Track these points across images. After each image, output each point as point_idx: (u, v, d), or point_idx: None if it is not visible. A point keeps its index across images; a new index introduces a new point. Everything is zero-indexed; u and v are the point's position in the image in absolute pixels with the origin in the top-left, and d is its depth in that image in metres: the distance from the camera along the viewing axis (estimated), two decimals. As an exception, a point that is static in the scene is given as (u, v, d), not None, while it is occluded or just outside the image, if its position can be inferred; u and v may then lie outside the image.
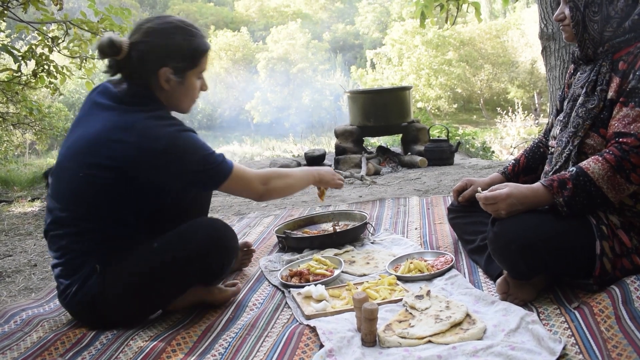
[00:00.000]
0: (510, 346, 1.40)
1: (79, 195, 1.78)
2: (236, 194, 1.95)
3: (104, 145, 1.73)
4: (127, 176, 1.74)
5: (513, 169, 2.14)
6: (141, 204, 1.84)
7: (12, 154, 10.23)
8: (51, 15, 5.57)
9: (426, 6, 5.64)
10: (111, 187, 1.75)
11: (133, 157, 1.71)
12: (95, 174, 1.73)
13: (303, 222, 2.89)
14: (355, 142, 6.08)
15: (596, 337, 1.41)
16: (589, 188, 1.57)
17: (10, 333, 1.90)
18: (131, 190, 1.78)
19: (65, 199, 1.81)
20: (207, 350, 1.61)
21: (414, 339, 1.52)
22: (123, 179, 1.74)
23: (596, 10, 1.67)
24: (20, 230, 3.71)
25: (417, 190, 3.96)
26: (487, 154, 8.31)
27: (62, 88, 7.17)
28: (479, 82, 24.43)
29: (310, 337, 1.59)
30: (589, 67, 1.77)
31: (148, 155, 1.71)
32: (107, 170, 1.73)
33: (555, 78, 4.45)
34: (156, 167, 1.74)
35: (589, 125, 1.68)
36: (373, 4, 35.34)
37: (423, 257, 2.19)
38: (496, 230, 1.64)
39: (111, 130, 1.73)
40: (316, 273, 2.09)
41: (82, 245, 1.79)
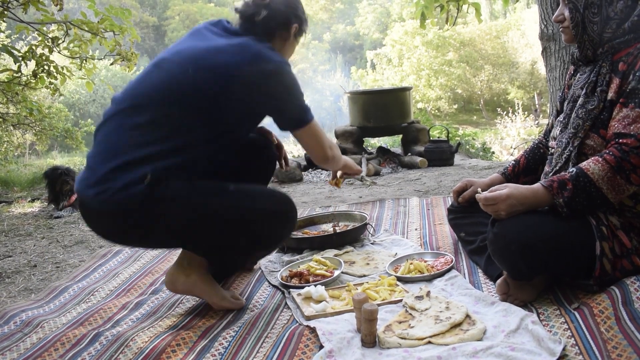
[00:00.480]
0: (510, 347, 1.40)
1: (174, 92, 1.75)
2: (306, 147, 2.00)
3: (220, 52, 1.76)
4: (228, 89, 1.75)
5: (513, 169, 2.14)
6: (221, 124, 1.82)
7: (12, 154, 10.22)
8: (51, 15, 5.57)
9: (426, 7, 5.63)
10: (209, 94, 1.74)
11: (242, 70, 1.75)
12: (203, 77, 1.74)
13: (303, 223, 2.89)
14: (355, 142, 6.08)
15: (596, 338, 1.41)
16: (588, 189, 1.56)
17: (10, 334, 1.90)
18: (223, 104, 1.77)
19: (154, 92, 1.78)
20: (206, 349, 1.61)
21: (414, 339, 1.52)
22: (223, 90, 1.75)
23: (595, 12, 1.67)
24: (20, 231, 3.71)
25: (417, 191, 3.96)
26: (487, 154, 8.31)
27: (62, 88, 7.17)
28: (479, 83, 24.42)
29: (310, 337, 1.59)
30: (588, 68, 1.77)
31: (256, 73, 1.76)
32: (215, 77, 1.74)
33: (556, 79, 4.45)
34: (258, 86, 1.78)
35: (589, 126, 1.68)
36: (373, 5, 35.35)
37: (423, 258, 2.19)
38: (496, 230, 1.64)
39: (226, 46, 1.78)
40: (316, 274, 2.09)
41: (143, 147, 1.71)
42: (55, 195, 4.43)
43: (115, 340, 1.72)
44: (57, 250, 3.10)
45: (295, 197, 4.24)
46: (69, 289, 2.35)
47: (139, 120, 1.74)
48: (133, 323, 1.91)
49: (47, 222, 3.94)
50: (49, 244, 3.27)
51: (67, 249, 3.12)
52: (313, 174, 5.61)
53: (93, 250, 3.04)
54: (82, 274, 2.55)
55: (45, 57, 5.78)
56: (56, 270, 2.73)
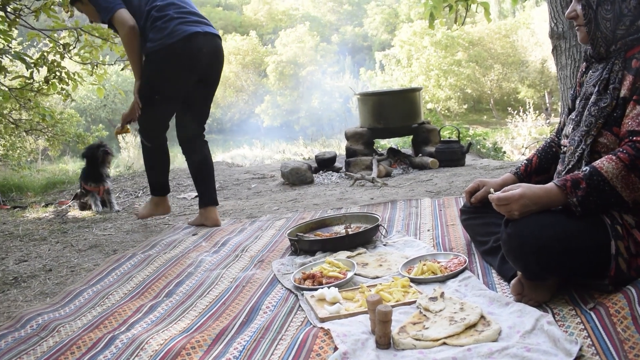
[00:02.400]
0: (525, 348, 1.39)
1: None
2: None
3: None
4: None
5: (525, 169, 2.13)
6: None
7: (25, 160, 10.33)
8: (62, 22, 5.64)
9: (435, 7, 5.62)
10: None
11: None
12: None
13: (315, 225, 2.90)
14: (365, 144, 6.08)
15: (613, 338, 1.39)
16: (602, 187, 1.55)
17: (26, 337, 1.92)
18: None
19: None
20: (221, 353, 1.61)
21: (429, 341, 1.51)
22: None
23: (609, 8, 1.66)
24: (35, 235, 3.74)
25: (428, 192, 3.95)
26: (498, 154, 8.26)
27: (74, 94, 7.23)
28: (489, 82, 24.33)
29: (325, 339, 1.59)
30: (601, 66, 1.76)
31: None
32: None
33: (566, 77, 4.42)
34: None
35: (602, 124, 1.67)
36: (381, 6, 35.33)
37: (436, 259, 2.19)
38: (509, 231, 1.63)
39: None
40: (329, 276, 2.09)
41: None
42: (97, 175, 4.57)
43: (130, 343, 1.73)
44: (71, 255, 3.13)
45: (307, 199, 4.24)
46: (84, 292, 2.37)
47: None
48: (147, 326, 1.93)
49: (60, 226, 3.97)
50: (64, 248, 3.30)
51: (82, 253, 3.15)
52: (324, 176, 5.62)
53: (107, 254, 3.06)
54: (96, 278, 2.57)
55: (56, 64, 5.84)
56: (71, 274, 2.75)
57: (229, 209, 4.14)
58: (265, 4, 38.60)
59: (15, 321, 2.08)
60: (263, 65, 29.67)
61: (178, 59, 3.14)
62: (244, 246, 2.84)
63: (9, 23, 5.02)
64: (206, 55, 3.23)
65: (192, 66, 3.21)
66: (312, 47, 29.48)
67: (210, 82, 3.42)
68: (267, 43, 32.64)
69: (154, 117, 3.35)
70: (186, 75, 3.24)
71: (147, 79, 3.24)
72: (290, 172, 5.20)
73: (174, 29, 3.09)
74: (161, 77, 3.23)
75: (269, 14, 38.57)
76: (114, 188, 5.76)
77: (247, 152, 16.41)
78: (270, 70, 28.46)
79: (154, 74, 3.21)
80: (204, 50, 3.20)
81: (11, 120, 8.30)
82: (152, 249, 2.98)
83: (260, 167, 7.32)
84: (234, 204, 4.36)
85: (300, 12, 38.23)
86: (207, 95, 3.48)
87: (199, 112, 3.50)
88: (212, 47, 3.26)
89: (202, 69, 3.28)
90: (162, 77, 3.23)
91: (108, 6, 3.10)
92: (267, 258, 2.61)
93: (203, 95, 3.46)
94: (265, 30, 36.08)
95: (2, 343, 1.90)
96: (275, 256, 2.63)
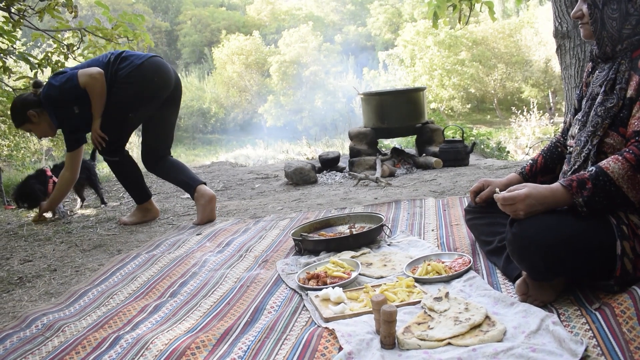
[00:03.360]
0: (531, 348, 1.39)
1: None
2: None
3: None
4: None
5: (531, 169, 2.12)
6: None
7: (29, 160, 10.36)
8: (66, 23, 5.64)
9: (439, 6, 5.63)
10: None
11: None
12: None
13: (319, 225, 2.90)
14: (369, 144, 6.08)
15: (618, 338, 1.39)
16: (608, 188, 1.55)
17: (31, 337, 1.93)
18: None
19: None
20: (226, 353, 1.61)
21: (434, 341, 1.51)
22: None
23: (615, 8, 1.65)
24: (39, 235, 3.75)
25: (432, 192, 3.95)
26: (502, 154, 8.25)
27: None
28: (493, 82, 24.28)
29: (329, 339, 1.59)
30: (607, 66, 1.75)
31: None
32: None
33: (571, 76, 4.41)
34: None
35: (608, 124, 1.66)
36: (384, 5, 35.28)
37: (440, 259, 2.18)
38: (515, 231, 1.62)
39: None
40: (333, 275, 2.09)
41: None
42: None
43: (135, 343, 1.74)
44: (76, 255, 3.13)
45: (310, 199, 4.24)
46: (89, 292, 2.38)
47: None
48: (152, 326, 1.93)
49: (65, 226, 3.98)
50: (68, 248, 3.31)
51: (86, 253, 3.16)
52: (327, 175, 5.62)
53: (111, 254, 3.07)
54: (101, 278, 2.58)
55: (61, 64, 5.85)
56: (75, 274, 2.76)
57: (232, 208, 4.15)
58: (269, 4, 38.63)
59: (21, 321, 2.09)
60: (266, 65, 29.67)
61: (149, 74, 3.56)
62: (248, 246, 2.84)
63: (13, 24, 5.03)
64: (172, 72, 3.70)
65: (162, 80, 3.62)
66: (315, 47, 29.47)
67: (177, 100, 3.83)
68: (270, 43, 32.64)
69: (123, 133, 3.71)
70: (158, 88, 3.61)
71: (121, 100, 3.54)
72: (294, 172, 5.20)
73: (137, 55, 3.61)
74: (135, 94, 3.57)
75: (272, 14, 38.59)
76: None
77: (250, 152, 16.42)
78: (274, 70, 28.47)
79: (129, 93, 3.54)
80: (169, 68, 3.70)
81: (15, 121, 8.31)
82: (157, 249, 2.99)
83: (264, 167, 7.32)
84: (237, 204, 4.36)
85: (303, 12, 38.22)
86: (175, 115, 3.90)
87: (170, 133, 3.91)
88: (172, 68, 3.77)
89: (170, 84, 3.67)
90: (136, 94, 3.57)
91: (70, 76, 3.48)
92: (271, 258, 2.61)
93: (168, 121, 3.85)
94: (268, 30, 36.08)
95: (8, 343, 1.91)
96: (280, 256, 2.63)
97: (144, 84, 3.55)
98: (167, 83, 3.65)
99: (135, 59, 3.55)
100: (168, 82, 3.65)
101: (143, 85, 3.55)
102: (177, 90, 3.78)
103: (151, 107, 3.66)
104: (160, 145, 3.82)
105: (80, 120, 3.60)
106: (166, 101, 3.71)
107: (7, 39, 5.08)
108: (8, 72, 5.63)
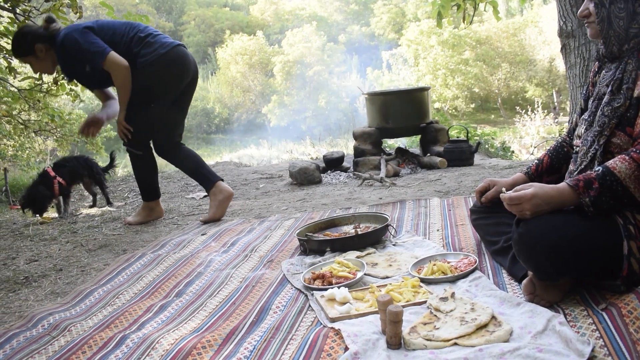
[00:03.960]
0: (537, 348, 1.38)
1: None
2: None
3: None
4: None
5: (537, 168, 2.12)
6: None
7: (34, 160, 10.40)
8: (71, 23, 5.65)
9: (443, 6, 5.62)
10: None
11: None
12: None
13: (324, 225, 2.90)
14: (373, 143, 6.07)
15: (625, 338, 1.39)
16: (615, 187, 1.54)
17: (38, 337, 1.93)
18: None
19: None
20: (232, 353, 1.62)
21: (440, 341, 1.51)
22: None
23: (622, 7, 1.64)
24: (45, 235, 3.76)
25: (437, 192, 3.94)
26: (507, 154, 8.23)
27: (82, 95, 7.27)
28: (497, 81, 24.25)
29: (335, 339, 1.59)
30: (614, 65, 1.74)
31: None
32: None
33: (575, 76, 4.40)
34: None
35: (615, 124, 1.65)
36: (388, 5, 35.27)
37: (446, 259, 2.18)
38: (521, 231, 1.62)
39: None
40: (339, 275, 2.09)
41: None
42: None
43: (141, 342, 1.74)
44: (81, 254, 3.14)
45: (315, 199, 4.25)
46: (95, 292, 2.39)
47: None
48: (158, 325, 1.93)
49: (70, 226, 3.99)
50: (74, 248, 3.32)
51: (92, 252, 3.17)
52: (332, 175, 5.62)
53: (117, 254, 3.08)
54: (106, 277, 2.59)
55: (65, 64, 5.85)
56: (81, 273, 2.77)
57: (237, 208, 4.15)
58: (272, 4, 38.68)
59: (27, 320, 2.10)
60: (270, 65, 29.72)
61: (173, 64, 3.50)
62: (253, 246, 2.84)
63: (19, 24, 5.05)
64: (192, 63, 3.65)
65: (184, 72, 3.58)
66: (319, 46, 29.49)
67: (193, 89, 3.79)
68: (273, 43, 32.68)
69: (147, 125, 3.60)
70: (179, 79, 3.56)
71: (143, 89, 3.46)
72: (298, 171, 5.20)
73: (163, 42, 3.49)
74: (159, 84, 3.49)
75: (275, 14, 38.64)
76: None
77: (254, 152, 16.45)
78: (277, 70, 28.51)
79: (151, 82, 3.46)
80: (190, 58, 3.64)
81: (20, 121, 8.36)
82: (162, 248, 2.99)
83: (268, 167, 7.32)
84: (242, 204, 4.37)
85: (307, 11, 38.25)
86: (188, 103, 3.84)
87: (183, 119, 3.86)
88: (193, 58, 3.71)
89: (190, 75, 3.62)
90: (159, 84, 3.49)
91: (98, 50, 3.33)
92: (276, 258, 2.61)
93: (188, 102, 3.81)
94: (272, 30, 36.12)
95: (14, 342, 1.91)
96: (285, 256, 2.63)
97: (166, 76, 3.49)
98: (188, 74, 3.60)
99: (159, 48, 3.44)
100: (188, 73, 3.60)
101: (165, 76, 3.49)
102: (194, 78, 3.73)
103: (171, 97, 3.61)
104: (175, 132, 3.77)
105: (91, 77, 3.53)
106: (183, 88, 3.67)
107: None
108: (13, 73, 5.66)
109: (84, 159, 4.92)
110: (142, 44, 3.44)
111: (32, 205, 4.41)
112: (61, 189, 4.56)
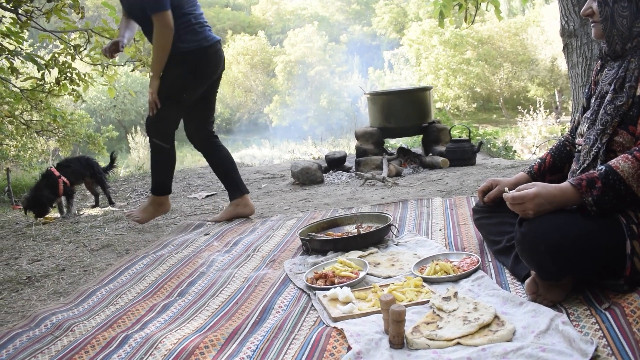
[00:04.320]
0: (540, 348, 1.38)
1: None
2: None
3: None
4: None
5: (539, 168, 2.12)
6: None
7: (36, 160, 10.40)
8: (73, 23, 5.67)
9: (445, 6, 5.61)
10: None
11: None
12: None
13: (326, 225, 2.90)
14: (375, 143, 6.07)
15: (628, 338, 1.38)
16: (618, 187, 1.54)
17: (41, 336, 1.94)
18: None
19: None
20: (235, 353, 1.62)
21: (443, 340, 1.51)
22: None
23: (625, 5, 1.64)
24: (48, 235, 3.77)
25: (439, 191, 3.94)
26: (509, 153, 8.22)
27: (84, 95, 7.29)
28: (499, 81, 24.21)
29: (338, 339, 1.59)
30: (617, 64, 1.74)
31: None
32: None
33: (578, 75, 4.39)
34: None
35: (618, 123, 1.65)
36: (390, 5, 35.23)
37: (448, 259, 2.18)
38: (524, 230, 1.62)
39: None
40: (341, 275, 2.09)
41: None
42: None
43: (144, 342, 1.74)
44: (84, 254, 3.15)
45: (317, 199, 4.24)
46: (97, 292, 2.39)
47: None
48: (161, 325, 1.94)
49: (73, 226, 4.00)
50: (76, 248, 3.32)
51: (94, 252, 3.17)
52: (334, 175, 5.62)
53: (119, 253, 3.08)
54: (109, 277, 2.59)
55: (67, 65, 5.88)
56: (84, 273, 2.77)
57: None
58: (274, 4, 38.66)
59: (30, 320, 2.10)
60: (271, 65, 29.71)
61: (209, 61, 3.45)
62: (256, 246, 2.84)
63: (21, 25, 5.06)
64: (223, 61, 3.60)
65: (216, 69, 3.54)
66: (320, 46, 29.48)
67: (217, 85, 3.74)
68: (275, 43, 32.68)
69: (176, 117, 3.54)
70: (210, 77, 3.52)
71: (178, 78, 3.39)
72: (300, 171, 5.20)
73: (207, 35, 3.42)
74: (193, 77, 3.43)
75: (277, 14, 38.62)
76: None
77: (256, 152, 16.46)
78: (279, 70, 28.51)
79: (186, 73, 3.39)
80: (223, 57, 3.58)
81: (22, 121, 8.37)
82: (164, 248, 2.99)
83: (270, 167, 7.32)
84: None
85: (308, 11, 38.22)
86: (217, 90, 3.77)
87: (213, 113, 3.79)
88: (223, 55, 3.65)
89: (219, 73, 3.59)
90: (194, 77, 3.43)
91: (161, 2, 3.19)
92: (278, 258, 2.61)
93: (214, 96, 3.74)
94: (273, 30, 36.12)
95: (17, 342, 1.92)
96: (287, 256, 2.63)
97: (203, 71, 3.44)
98: (217, 70, 3.56)
99: (202, 41, 3.36)
100: (217, 70, 3.56)
101: (202, 71, 3.43)
102: (223, 68, 3.68)
103: (202, 89, 3.53)
104: (208, 120, 3.71)
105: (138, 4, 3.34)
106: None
107: (15, 40, 5.11)
108: (15, 73, 5.67)
109: (85, 159, 4.93)
110: (188, 29, 3.33)
111: (35, 208, 4.41)
112: (65, 189, 4.57)
